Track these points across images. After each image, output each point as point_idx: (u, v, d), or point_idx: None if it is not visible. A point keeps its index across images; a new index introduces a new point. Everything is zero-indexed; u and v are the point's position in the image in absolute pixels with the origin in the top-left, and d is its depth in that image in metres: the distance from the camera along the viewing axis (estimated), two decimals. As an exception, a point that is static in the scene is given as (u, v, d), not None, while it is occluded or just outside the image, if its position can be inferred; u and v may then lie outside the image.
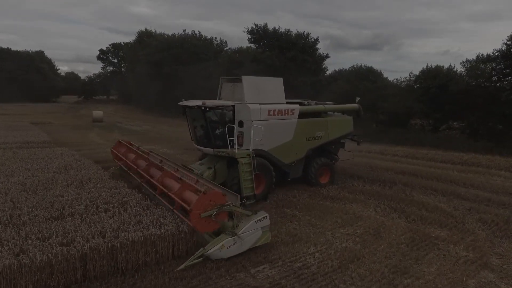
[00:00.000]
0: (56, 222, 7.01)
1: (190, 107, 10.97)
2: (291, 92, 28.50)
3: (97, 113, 37.66)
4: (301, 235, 8.35)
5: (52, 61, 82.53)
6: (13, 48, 73.11)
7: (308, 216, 9.70)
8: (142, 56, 50.51)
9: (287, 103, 11.76)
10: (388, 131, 26.25)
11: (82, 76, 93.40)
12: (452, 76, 25.46)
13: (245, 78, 10.72)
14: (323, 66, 42.06)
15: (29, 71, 69.15)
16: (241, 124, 10.66)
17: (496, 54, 23.08)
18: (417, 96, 25.51)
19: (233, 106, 10.73)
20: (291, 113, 11.52)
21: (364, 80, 30.59)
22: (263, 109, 10.76)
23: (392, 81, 32.44)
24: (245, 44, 49.89)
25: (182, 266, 6.47)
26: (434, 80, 25.30)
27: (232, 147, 10.50)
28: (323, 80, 35.27)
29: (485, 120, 23.46)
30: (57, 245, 5.96)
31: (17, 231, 6.51)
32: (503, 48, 22.62)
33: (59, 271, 5.71)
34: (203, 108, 10.42)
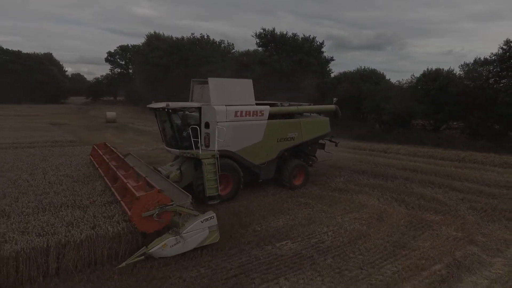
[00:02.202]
0: (113, 205, 8.38)
1: (156, 109, 11.24)
2: (296, 94, 29.81)
3: (111, 114, 39.18)
4: (315, 219, 9.76)
5: (61, 63, 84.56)
6: (16, 50, 74.60)
7: (320, 204, 11.09)
8: (151, 58, 52.04)
9: (259, 104, 11.85)
10: (391, 131, 27.42)
11: (88, 77, 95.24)
12: (451, 78, 26.57)
13: (211, 80, 10.86)
14: (328, 69, 43.35)
15: (38, 73, 70.91)
16: (207, 125, 10.88)
17: (493, 57, 24.36)
18: (419, 98, 26.67)
19: (199, 108, 11.03)
20: (260, 114, 11.57)
21: (367, 82, 31.77)
22: (230, 110, 10.86)
23: (395, 83, 33.67)
24: (249, 45, 51.19)
25: (123, 264, 6.73)
26: (434, 82, 26.44)
27: (197, 148, 10.67)
28: (328, 82, 36.54)
29: (483, 120, 24.63)
30: (122, 221, 7.38)
31: (84, 211, 7.92)
32: (499, 51, 23.92)
33: (126, 241, 7.14)
34: (166, 110, 10.72)
